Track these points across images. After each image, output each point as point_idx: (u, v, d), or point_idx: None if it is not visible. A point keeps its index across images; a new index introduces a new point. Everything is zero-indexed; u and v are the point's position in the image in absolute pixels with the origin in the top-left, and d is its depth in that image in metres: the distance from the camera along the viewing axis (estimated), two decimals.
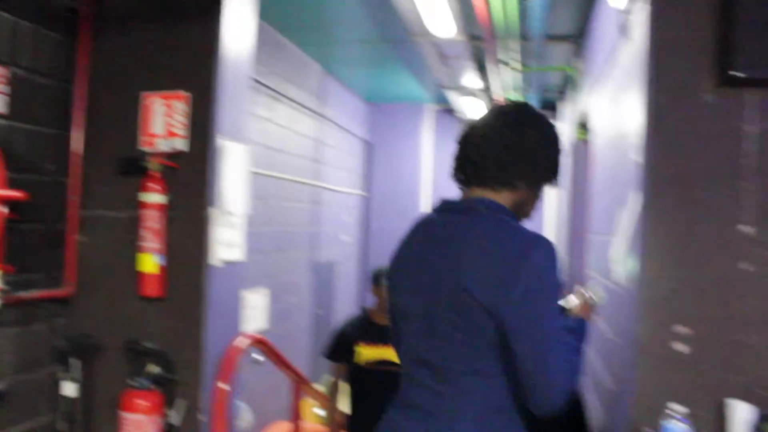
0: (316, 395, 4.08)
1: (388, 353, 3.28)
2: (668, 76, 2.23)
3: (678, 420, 1.91)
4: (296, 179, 5.82)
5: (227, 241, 2.86)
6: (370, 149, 8.14)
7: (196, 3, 2.81)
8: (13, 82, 2.46)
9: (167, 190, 2.71)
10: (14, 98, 2.46)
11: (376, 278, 3.48)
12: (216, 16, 2.77)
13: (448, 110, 7.98)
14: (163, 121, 2.74)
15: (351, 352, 3.43)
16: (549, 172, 1.63)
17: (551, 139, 1.63)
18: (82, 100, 2.80)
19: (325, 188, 6.60)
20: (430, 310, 1.54)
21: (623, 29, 2.74)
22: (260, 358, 3.38)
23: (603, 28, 3.72)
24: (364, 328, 3.48)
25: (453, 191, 1.69)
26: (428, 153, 8.21)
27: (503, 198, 1.57)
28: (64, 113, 2.76)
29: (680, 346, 2.23)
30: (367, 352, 3.41)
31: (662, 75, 2.23)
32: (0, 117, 2.42)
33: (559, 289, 1.47)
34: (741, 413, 2.13)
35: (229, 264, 2.91)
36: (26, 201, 2.43)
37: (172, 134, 2.73)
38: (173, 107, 2.72)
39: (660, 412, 2.17)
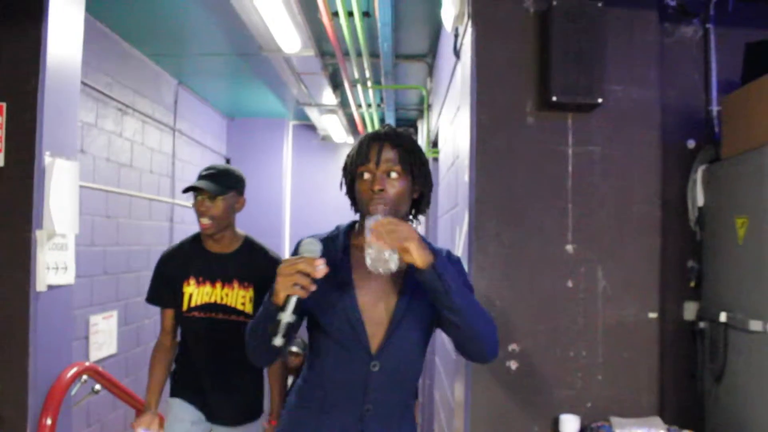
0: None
1: (219, 294, 2.50)
2: (492, 97, 2.32)
3: None
4: (149, 196, 5.57)
5: (55, 264, 2.68)
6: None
7: (14, 2, 2.58)
8: None
9: None
10: None
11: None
12: (38, 19, 2.58)
13: (308, 126, 7.97)
14: None
15: (177, 292, 2.54)
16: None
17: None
18: None
19: (182, 205, 6.37)
20: None
21: (456, 51, 2.84)
22: (98, 386, 3.18)
23: (445, 48, 3.86)
24: (191, 259, 2.59)
25: (313, 206, 1.77)
26: (288, 168, 8.16)
27: None
28: None
29: (513, 364, 2.31)
30: (193, 293, 2.52)
31: (486, 96, 2.32)
32: None
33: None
34: (571, 427, 2.22)
35: (58, 288, 2.72)
36: None
37: None
38: None
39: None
